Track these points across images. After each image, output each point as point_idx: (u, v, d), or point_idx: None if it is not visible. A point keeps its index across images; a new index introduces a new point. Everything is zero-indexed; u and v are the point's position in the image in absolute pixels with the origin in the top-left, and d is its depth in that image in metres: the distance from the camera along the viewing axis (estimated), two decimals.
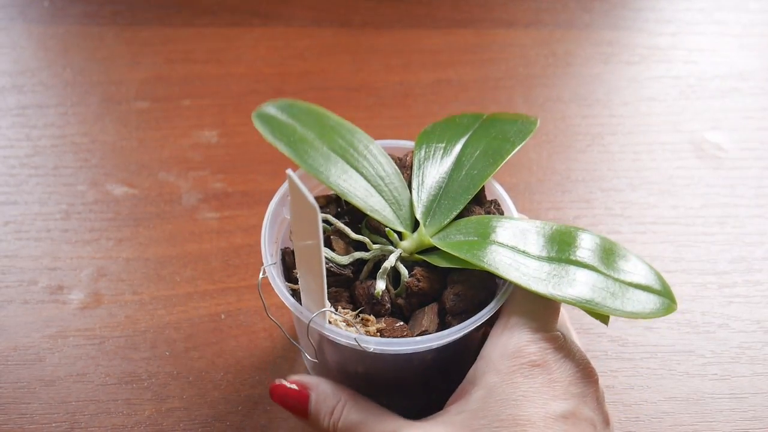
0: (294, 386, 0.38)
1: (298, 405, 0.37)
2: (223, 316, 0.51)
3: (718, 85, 0.71)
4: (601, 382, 0.43)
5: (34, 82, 0.68)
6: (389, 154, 0.44)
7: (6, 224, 0.57)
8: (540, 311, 0.37)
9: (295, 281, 0.40)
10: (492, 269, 0.36)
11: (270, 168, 0.62)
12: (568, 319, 0.41)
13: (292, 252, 0.42)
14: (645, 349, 0.50)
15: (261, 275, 0.38)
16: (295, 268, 0.41)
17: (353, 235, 0.41)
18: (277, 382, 0.38)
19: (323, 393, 0.37)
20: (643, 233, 0.58)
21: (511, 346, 0.36)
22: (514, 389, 0.34)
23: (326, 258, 0.40)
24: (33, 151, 0.62)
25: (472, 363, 0.42)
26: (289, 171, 0.32)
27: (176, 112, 0.66)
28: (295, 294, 0.40)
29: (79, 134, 0.64)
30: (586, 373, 0.36)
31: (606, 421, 0.37)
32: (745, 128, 0.67)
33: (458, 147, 0.43)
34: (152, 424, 0.46)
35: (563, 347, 0.36)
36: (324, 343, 0.39)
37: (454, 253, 0.37)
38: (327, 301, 0.36)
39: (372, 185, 0.42)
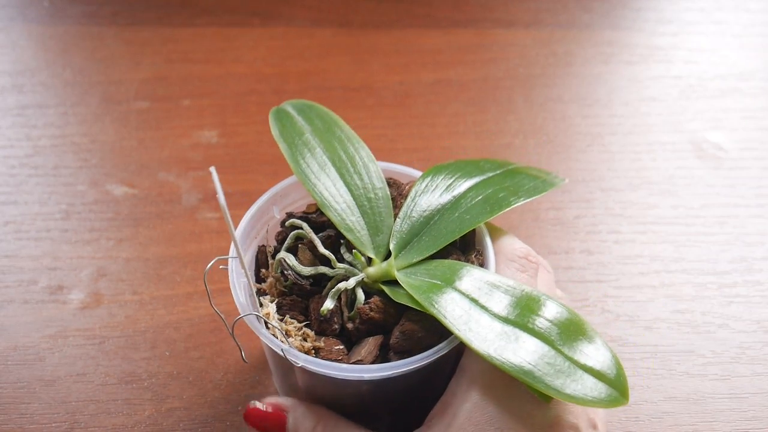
0: (269, 409, 0.38)
1: (275, 429, 0.37)
2: (223, 316, 0.51)
3: (718, 85, 0.71)
4: None
5: (34, 82, 0.68)
6: (392, 179, 0.43)
7: (6, 224, 0.57)
8: None
9: (264, 280, 0.41)
10: (438, 316, 0.34)
11: (270, 168, 0.62)
12: None
13: (265, 250, 0.42)
14: (645, 349, 0.50)
15: (209, 265, 0.36)
16: (265, 267, 0.41)
17: (320, 249, 0.40)
18: (252, 405, 0.38)
19: (300, 415, 0.38)
20: (643, 233, 0.58)
21: None
22: (497, 401, 0.34)
23: (288, 265, 0.39)
24: (33, 151, 0.62)
25: (422, 403, 0.42)
26: (212, 168, 0.32)
27: (176, 112, 0.66)
28: (260, 293, 0.40)
29: (79, 134, 0.64)
30: None
31: (592, 425, 0.36)
32: (745, 128, 0.67)
33: (463, 188, 0.42)
34: (152, 424, 0.46)
35: None
36: (267, 347, 0.39)
37: (410, 292, 0.36)
38: (257, 305, 0.37)
39: (357, 204, 0.40)
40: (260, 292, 0.40)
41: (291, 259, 0.40)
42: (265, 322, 0.37)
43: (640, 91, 0.70)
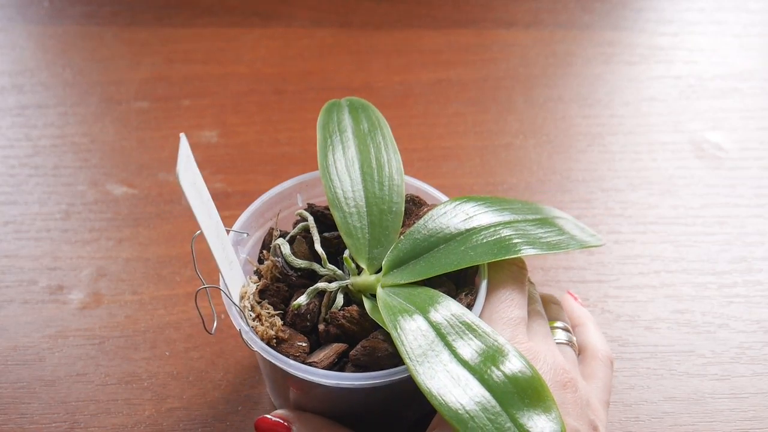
0: (278, 420, 0.39)
1: None
2: (222, 316, 0.51)
3: (718, 85, 0.71)
4: None
5: (34, 82, 0.68)
6: (418, 198, 0.43)
7: (6, 224, 0.57)
8: (511, 323, 0.37)
9: (263, 262, 0.41)
10: (396, 340, 0.33)
11: (270, 168, 0.62)
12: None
13: (272, 233, 0.42)
14: (645, 349, 0.50)
15: (197, 233, 0.36)
16: (267, 250, 0.41)
17: (316, 246, 0.40)
18: (263, 416, 0.39)
19: (304, 426, 0.38)
20: (643, 233, 0.58)
21: None
22: None
23: (281, 253, 0.40)
24: (33, 151, 0.62)
25: (387, 425, 0.41)
26: (182, 134, 0.32)
27: (176, 112, 0.66)
28: (257, 273, 0.40)
29: (79, 134, 0.64)
30: (557, 382, 0.36)
31: (593, 427, 0.36)
32: (745, 128, 0.67)
33: (482, 223, 0.40)
34: (152, 424, 0.46)
35: (536, 358, 0.36)
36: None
37: (381, 310, 0.36)
38: (227, 282, 0.37)
39: (368, 212, 0.40)
40: (257, 272, 0.41)
41: (285, 248, 0.40)
42: (231, 300, 0.37)
43: (641, 91, 0.70)
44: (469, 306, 0.38)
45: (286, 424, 0.38)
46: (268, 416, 0.39)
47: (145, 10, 0.76)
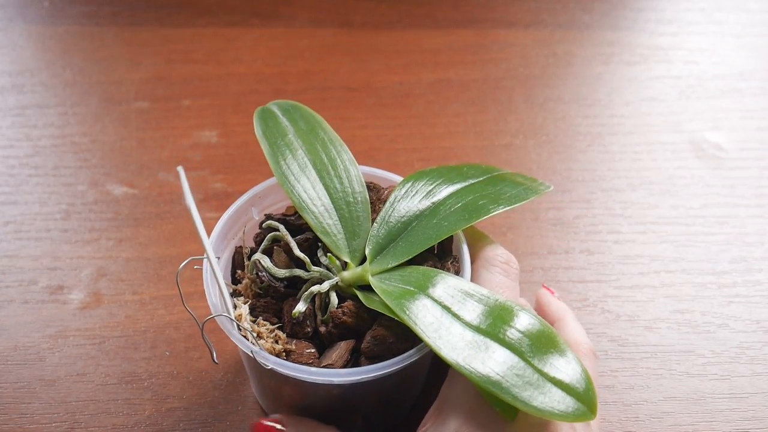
0: (271, 423, 0.39)
1: None
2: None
3: (718, 85, 0.71)
4: (601, 382, 0.43)
5: (34, 82, 0.68)
6: (372, 184, 0.43)
7: (6, 224, 0.57)
8: None
9: (239, 282, 0.41)
10: (409, 323, 0.34)
11: (269, 168, 0.61)
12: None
13: (241, 251, 0.42)
14: (645, 349, 0.50)
15: (182, 264, 0.37)
16: (241, 268, 0.41)
17: (296, 251, 0.39)
18: (258, 420, 0.39)
19: (297, 428, 0.39)
20: (643, 233, 0.58)
21: None
22: (488, 411, 0.34)
23: (262, 266, 0.39)
24: (33, 151, 0.62)
25: (395, 409, 0.41)
26: (179, 168, 0.33)
27: (176, 112, 0.66)
28: (236, 294, 0.40)
29: (79, 134, 0.64)
30: None
31: (587, 426, 0.36)
32: (745, 128, 0.67)
33: (443, 194, 0.41)
34: (152, 424, 0.46)
35: None
36: (241, 351, 0.39)
37: (383, 297, 0.36)
38: (229, 306, 0.37)
39: (335, 207, 0.40)
40: (235, 294, 0.40)
41: (266, 261, 0.39)
42: (237, 324, 0.37)
43: (640, 92, 0.70)
44: (457, 273, 0.39)
45: (279, 426, 0.39)
46: (264, 420, 0.39)
47: (145, 10, 0.76)
